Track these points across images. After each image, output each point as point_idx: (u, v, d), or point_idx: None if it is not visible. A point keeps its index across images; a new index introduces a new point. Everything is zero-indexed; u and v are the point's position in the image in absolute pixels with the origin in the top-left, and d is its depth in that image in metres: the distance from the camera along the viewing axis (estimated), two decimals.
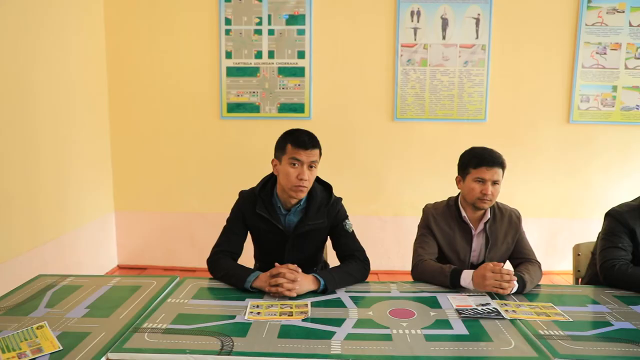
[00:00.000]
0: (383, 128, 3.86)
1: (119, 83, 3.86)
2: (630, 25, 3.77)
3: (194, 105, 3.86)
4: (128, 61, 3.84)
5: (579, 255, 2.32)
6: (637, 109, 3.88)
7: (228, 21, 3.75)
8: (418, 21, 3.74)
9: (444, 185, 2.39)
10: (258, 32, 3.76)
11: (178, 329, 1.42)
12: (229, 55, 3.78)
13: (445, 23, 3.75)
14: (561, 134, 3.92)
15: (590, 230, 2.22)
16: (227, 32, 3.76)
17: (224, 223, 1.99)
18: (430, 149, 3.89)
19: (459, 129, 3.86)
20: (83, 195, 3.54)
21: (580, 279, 2.30)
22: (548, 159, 3.94)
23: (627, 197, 2.15)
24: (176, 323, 1.46)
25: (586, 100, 3.86)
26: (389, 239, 3.94)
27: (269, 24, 3.75)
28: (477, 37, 3.76)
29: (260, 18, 3.75)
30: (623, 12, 3.76)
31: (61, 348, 1.27)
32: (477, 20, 3.75)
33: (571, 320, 1.54)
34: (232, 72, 3.80)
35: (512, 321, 1.51)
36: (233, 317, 1.51)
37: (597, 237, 2.12)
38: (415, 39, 3.76)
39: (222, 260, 1.87)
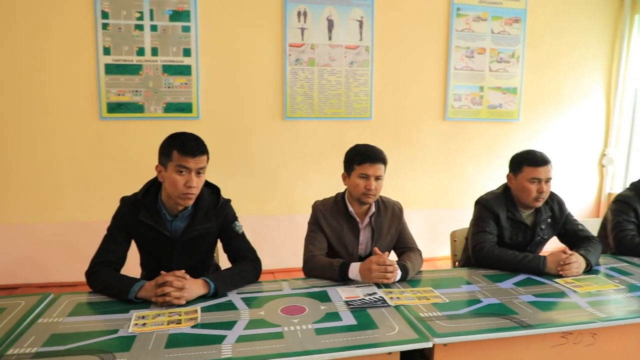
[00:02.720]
0: (273, 127, 3.88)
1: None
2: (492, 32, 4.21)
3: (68, 105, 3.54)
4: None
5: (455, 241, 2.54)
6: (501, 107, 4.35)
7: (105, 15, 3.49)
8: (305, 21, 3.81)
9: (335, 182, 2.46)
10: (139, 27, 3.55)
11: (51, 351, 1.30)
12: (107, 51, 3.53)
13: (331, 24, 3.86)
14: (438, 131, 4.25)
15: (466, 218, 2.44)
16: (105, 26, 3.50)
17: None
18: (320, 147, 3.98)
19: (347, 127, 4.01)
20: None
21: (457, 263, 2.52)
22: (427, 154, 4.26)
23: (494, 185, 2.39)
24: (49, 345, 1.33)
25: (458, 99, 4.24)
26: (283, 237, 3.97)
27: (151, 19, 3.57)
28: (361, 39, 3.93)
29: (142, 12, 3.55)
30: (486, 20, 4.18)
31: None
32: (361, 23, 3.92)
33: (448, 301, 1.69)
34: (111, 69, 3.55)
35: (397, 307, 1.61)
36: (115, 331, 1.42)
37: (470, 224, 2.33)
38: (302, 39, 3.82)
39: (102, 271, 1.74)
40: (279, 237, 3.97)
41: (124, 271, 1.81)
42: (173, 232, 1.84)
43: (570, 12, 4.38)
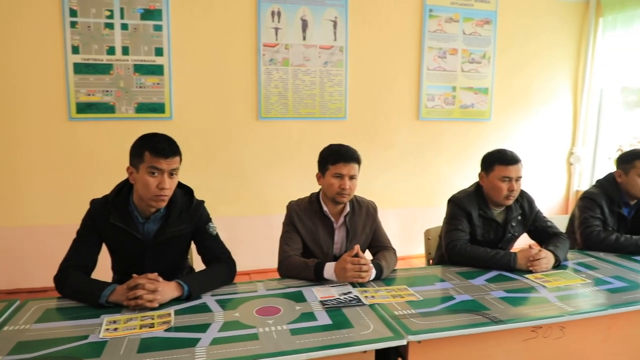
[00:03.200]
0: (248, 127, 3.86)
1: None
2: (464, 33, 4.28)
3: (35, 105, 3.43)
4: None
5: (429, 239, 2.57)
6: (473, 106, 4.42)
7: (73, 12, 3.40)
8: (279, 21, 3.80)
9: (310, 182, 2.46)
10: (109, 26, 3.48)
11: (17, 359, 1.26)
12: (75, 50, 3.44)
13: (304, 24, 3.86)
14: (412, 130, 4.30)
15: (440, 216, 2.46)
16: (73, 24, 3.41)
17: None
18: (295, 147, 3.98)
19: (322, 127, 4.01)
20: None
21: (431, 260, 2.56)
22: (401, 154, 4.30)
23: (467, 184, 2.43)
24: (14, 353, 1.29)
25: (432, 99, 4.29)
26: (258, 237, 3.95)
27: (122, 17, 3.50)
28: (335, 39, 3.94)
29: (112, 11, 3.47)
30: (458, 21, 4.25)
31: None
32: (335, 23, 3.93)
33: (422, 298, 1.71)
34: (80, 68, 3.46)
35: (371, 306, 1.62)
36: (86, 337, 1.38)
37: (443, 222, 2.37)
38: (276, 39, 3.81)
39: (72, 275, 1.70)
40: (254, 238, 3.95)
41: (95, 275, 1.77)
42: (145, 234, 1.81)
43: (539, 15, 4.49)
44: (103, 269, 1.92)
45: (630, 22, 4.21)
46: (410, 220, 4.35)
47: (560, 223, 2.62)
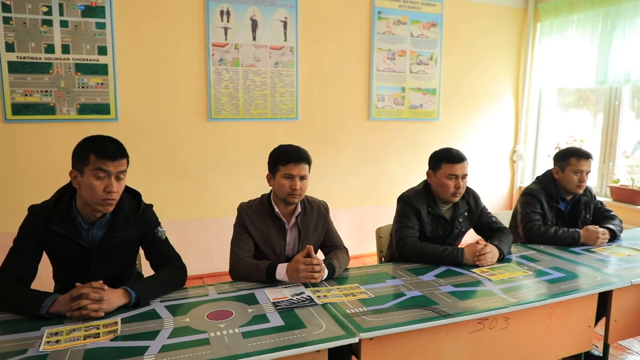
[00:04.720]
0: (198, 128, 3.78)
1: None
2: (412, 35, 4.39)
3: None
4: None
5: (380, 237, 2.62)
6: (421, 107, 4.54)
7: (7, 7, 3.21)
8: (228, 21, 3.75)
9: (262, 183, 2.44)
10: (47, 22, 3.31)
11: None
12: (10, 47, 3.25)
13: (254, 24, 3.83)
14: (363, 130, 4.36)
15: (391, 214, 2.51)
16: (7, 20, 3.22)
17: None
18: (247, 148, 3.94)
19: (273, 127, 4.00)
20: None
21: (383, 258, 2.60)
22: (353, 154, 4.36)
23: (416, 182, 2.49)
24: None
25: (382, 100, 4.37)
26: (212, 240, 3.87)
27: (61, 14, 3.33)
28: (285, 40, 3.94)
29: (50, 7, 3.30)
30: (406, 24, 4.35)
31: None
32: (285, 24, 3.92)
33: (373, 296, 1.73)
34: (15, 67, 3.27)
35: (324, 305, 1.63)
36: (24, 351, 1.31)
37: (393, 220, 2.41)
38: (226, 39, 3.76)
39: (9, 286, 1.60)
40: (207, 241, 3.87)
41: (36, 285, 1.68)
42: (90, 241, 1.74)
43: (482, 20, 4.67)
44: (44, 279, 1.82)
45: (564, 28, 4.46)
46: (363, 218, 4.41)
47: (505, 218, 2.74)
